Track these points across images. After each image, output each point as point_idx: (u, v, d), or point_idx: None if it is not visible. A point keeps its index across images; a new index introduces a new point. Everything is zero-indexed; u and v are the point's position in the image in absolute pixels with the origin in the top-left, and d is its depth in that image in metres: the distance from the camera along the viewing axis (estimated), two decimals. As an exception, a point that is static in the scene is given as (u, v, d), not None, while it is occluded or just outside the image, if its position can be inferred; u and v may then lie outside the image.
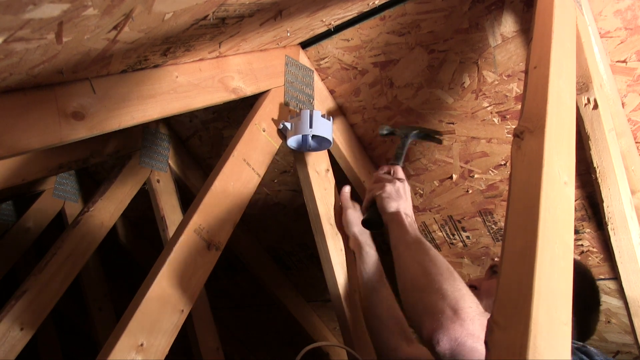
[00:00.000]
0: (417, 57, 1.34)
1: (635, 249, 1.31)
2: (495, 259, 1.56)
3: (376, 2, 1.24)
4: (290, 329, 2.53)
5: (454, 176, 1.56)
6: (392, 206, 1.11)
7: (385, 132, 1.35)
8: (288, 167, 1.80)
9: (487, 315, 0.81)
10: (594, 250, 1.53)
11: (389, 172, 1.22)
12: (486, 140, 1.44)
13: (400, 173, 1.22)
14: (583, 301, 1.09)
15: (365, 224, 1.22)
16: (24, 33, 0.60)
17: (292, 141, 1.29)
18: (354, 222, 1.32)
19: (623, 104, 1.26)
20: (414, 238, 1.02)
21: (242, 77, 1.25)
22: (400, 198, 1.13)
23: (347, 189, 1.39)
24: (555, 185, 0.75)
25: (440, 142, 1.35)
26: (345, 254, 1.36)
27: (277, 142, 1.30)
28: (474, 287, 1.21)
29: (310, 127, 1.23)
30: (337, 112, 1.55)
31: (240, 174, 1.17)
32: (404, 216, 1.09)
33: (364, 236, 1.30)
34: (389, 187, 1.14)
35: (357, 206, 1.37)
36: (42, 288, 1.53)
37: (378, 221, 1.16)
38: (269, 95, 1.30)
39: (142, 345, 0.89)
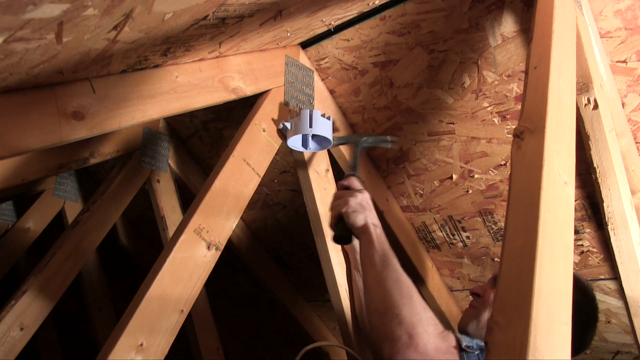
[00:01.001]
0: (417, 57, 1.34)
1: (635, 249, 1.31)
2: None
3: (376, 2, 1.24)
4: (290, 328, 2.53)
5: (454, 176, 1.56)
6: (360, 219, 1.13)
7: (336, 142, 1.34)
8: (288, 167, 1.80)
9: (445, 335, 0.88)
10: (594, 250, 1.53)
11: (347, 187, 1.23)
12: (486, 140, 1.44)
13: (357, 184, 1.22)
14: (582, 319, 1.10)
15: (336, 240, 1.24)
16: (24, 33, 0.60)
17: (292, 141, 1.29)
18: None
19: (623, 104, 1.26)
20: (380, 255, 1.05)
21: (242, 77, 1.25)
22: (365, 209, 1.15)
23: None
24: (555, 185, 0.75)
25: (392, 146, 1.34)
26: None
27: (277, 142, 1.30)
28: (477, 295, 1.21)
29: (310, 126, 1.23)
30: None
31: (240, 174, 1.17)
32: (372, 228, 1.11)
33: (356, 239, 1.31)
34: (352, 201, 1.15)
35: None
36: (42, 288, 1.53)
37: (348, 236, 1.19)
38: (269, 95, 1.30)
39: (142, 345, 0.89)
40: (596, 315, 1.21)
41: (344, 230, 1.18)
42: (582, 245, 1.54)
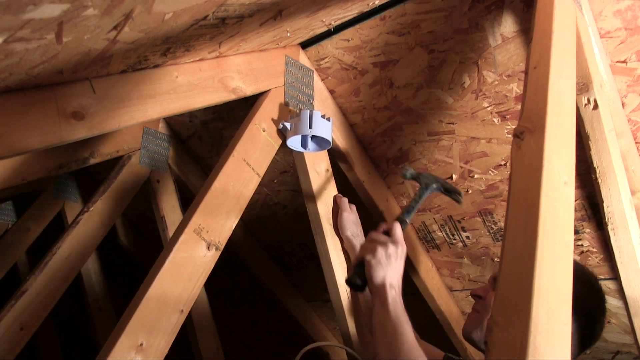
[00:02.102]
0: (417, 57, 1.34)
1: (635, 249, 1.31)
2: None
3: (376, 2, 1.24)
4: (290, 328, 2.53)
5: (454, 176, 1.56)
6: (379, 276, 1.08)
7: (408, 175, 1.26)
8: (288, 167, 1.80)
9: None
10: (594, 250, 1.53)
11: (387, 232, 1.17)
12: (486, 141, 1.44)
13: (398, 234, 1.15)
14: (588, 312, 1.09)
15: (348, 283, 1.19)
16: (24, 33, 0.60)
17: (292, 141, 1.29)
18: (347, 225, 1.33)
19: (623, 104, 1.26)
20: (392, 322, 1.02)
21: (242, 77, 1.25)
22: (389, 265, 1.09)
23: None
24: (555, 185, 0.75)
25: (459, 202, 1.26)
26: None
27: (277, 142, 1.30)
28: (478, 297, 1.20)
29: (310, 127, 1.23)
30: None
31: (240, 174, 1.17)
32: (388, 289, 1.06)
33: (357, 239, 1.31)
34: (380, 252, 1.10)
35: (354, 208, 1.37)
36: (42, 288, 1.53)
37: (362, 285, 1.13)
38: (269, 95, 1.30)
39: (141, 345, 0.89)
40: (603, 306, 1.18)
41: (360, 278, 1.13)
42: (582, 245, 1.54)
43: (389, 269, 1.09)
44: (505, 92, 1.32)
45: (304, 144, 1.33)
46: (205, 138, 1.86)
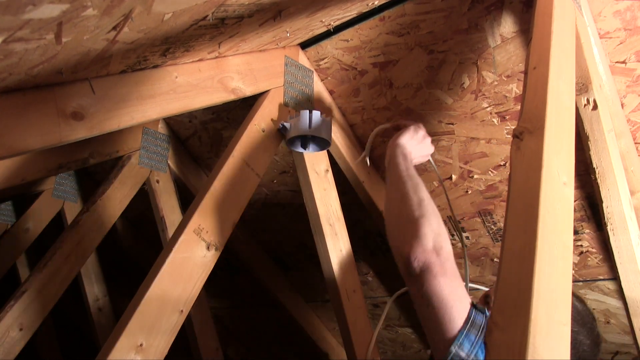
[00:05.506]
0: (417, 58, 1.34)
1: (635, 250, 1.31)
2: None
3: (376, 3, 1.24)
4: (290, 329, 2.53)
5: (454, 177, 1.56)
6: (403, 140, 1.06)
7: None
8: (288, 167, 1.80)
9: None
10: (594, 250, 1.53)
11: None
12: (485, 141, 1.44)
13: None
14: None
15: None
16: (23, 33, 0.60)
17: (292, 141, 1.29)
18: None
19: (622, 105, 1.26)
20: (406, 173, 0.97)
21: (242, 77, 1.25)
22: (416, 142, 1.08)
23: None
24: (554, 185, 0.76)
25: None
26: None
27: (276, 142, 1.30)
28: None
29: (310, 127, 1.23)
30: (335, 113, 1.55)
31: (240, 174, 1.17)
32: (400, 148, 1.04)
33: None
34: (420, 130, 1.10)
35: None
36: (42, 288, 1.53)
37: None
38: (269, 96, 1.30)
39: (141, 345, 0.90)
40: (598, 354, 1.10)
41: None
42: (581, 245, 1.54)
43: (412, 141, 1.08)
44: (504, 92, 1.32)
45: (303, 144, 1.34)
46: (204, 138, 1.86)
